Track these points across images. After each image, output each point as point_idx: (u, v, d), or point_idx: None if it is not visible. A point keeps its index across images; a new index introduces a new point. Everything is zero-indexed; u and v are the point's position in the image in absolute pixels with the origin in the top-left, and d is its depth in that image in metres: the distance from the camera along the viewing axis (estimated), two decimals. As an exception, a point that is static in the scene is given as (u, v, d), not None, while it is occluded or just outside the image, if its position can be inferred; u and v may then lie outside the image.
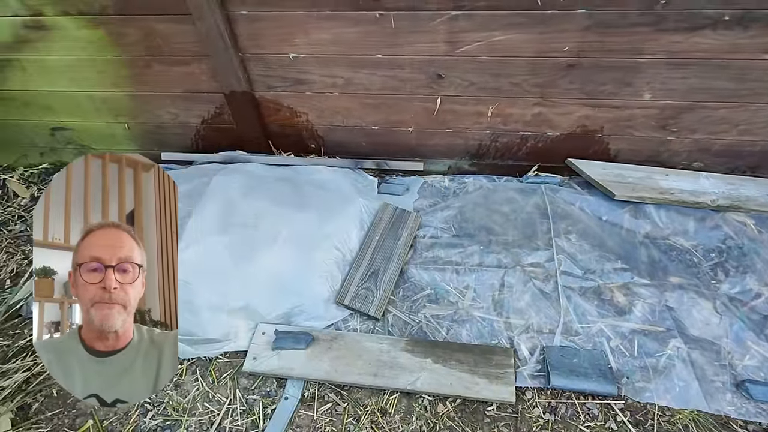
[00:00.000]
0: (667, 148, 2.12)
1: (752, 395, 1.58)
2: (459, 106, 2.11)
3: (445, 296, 1.94)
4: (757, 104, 1.89)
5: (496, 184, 2.36)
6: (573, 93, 1.98)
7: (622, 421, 1.58)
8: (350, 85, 2.11)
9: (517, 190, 2.29)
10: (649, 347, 1.72)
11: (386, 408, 1.67)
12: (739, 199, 2.07)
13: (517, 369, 1.72)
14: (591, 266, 1.95)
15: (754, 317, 1.77)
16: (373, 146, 2.37)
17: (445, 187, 2.41)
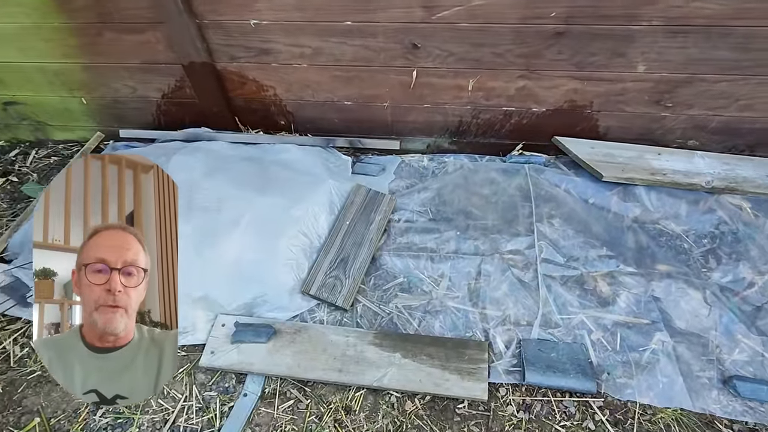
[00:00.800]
0: (660, 125, 1.97)
1: (740, 392, 1.48)
2: (437, 79, 1.94)
3: (418, 285, 1.82)
4: (760, 77, 1.73)
5: (477, 164, 2.20)
6: (561, 64, 1.81)
7: (601, 420, 1.49)
8: (319, 56, 1.93)
9: (499, 171, 2.14)
10: (633, 341, 1.62)
11: (351, 405, 1.57)
12: (735, 180, 1.93)
13: (491, 364, 1.61)
14: (574, 253, 1.83)
15: (746, 308, 1.66)
16: (347, 123, 2.20)
17: (423, 167, 2.26)
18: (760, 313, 1.64)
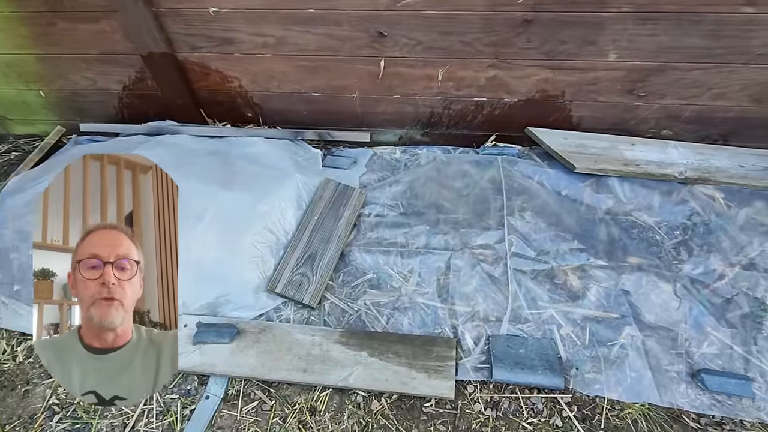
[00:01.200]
0: (634, 114, 1.93)
1: (707, 386, 1.47)
2: (406, 69, 1.88)
3: (387, 281, 1.78)
4: (732, 65, 1.70)
5: (450, 156, 2.16)
6: (530, 53, 1.76)
7: (568, 416, 1.47)
8: (283, 45, 1.86)
9: (472, 163, 2.10)
10: (602, 335, 1.60)
11: (316, 406, 1.54)
12: (708, 170, 1.90)
13: (459, 361, 1.58)
14: (545, 247, 1.80)
15: (716, 301, 1.65)
16: (315, 115, 2.14)
17: (395, 159, 2.21)
18: (730, 306, 1.63)
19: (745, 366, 1.52)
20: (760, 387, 1.49)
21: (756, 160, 1.93)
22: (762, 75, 1.71)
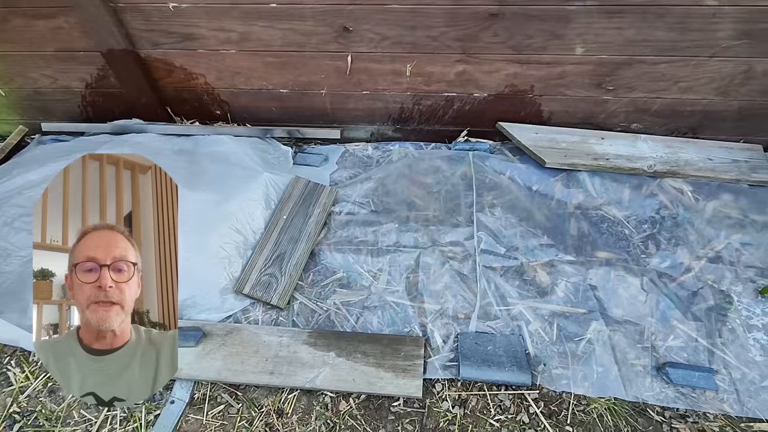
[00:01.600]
0: (603, 108, 1.93)
1: (672, 379, 1.48)
2: (374, 64, 1.85)
3: (357, 280, 1.77)
4: (698, 58, 1.69)
5: (422, 152, 2.14)
6: (498, 48, 1.74)
7: (535, 412, 1.47)
8: (247, 41, 1.82)
9: (444, 159, 2.08)
10: (570, 330, 1.60)
11: (284, 408, 1.52)
12: (677, 163, 1.91)
13: (428, 359, 1.58)
14: (515, 243, 1.79)
15: (682, 294, 1.66)
16: (285, 112, 2.10)
17: (368, 156, 2.18)
18: (696, 299, 1.64)
19: (709, 358, 1.54)
20: (724, 379, 1.50)
21: (724, 153, 1.94)
22: (727, 68, 1.71)
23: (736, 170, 1.90)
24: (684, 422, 1.44)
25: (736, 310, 1.61)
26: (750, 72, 1.72)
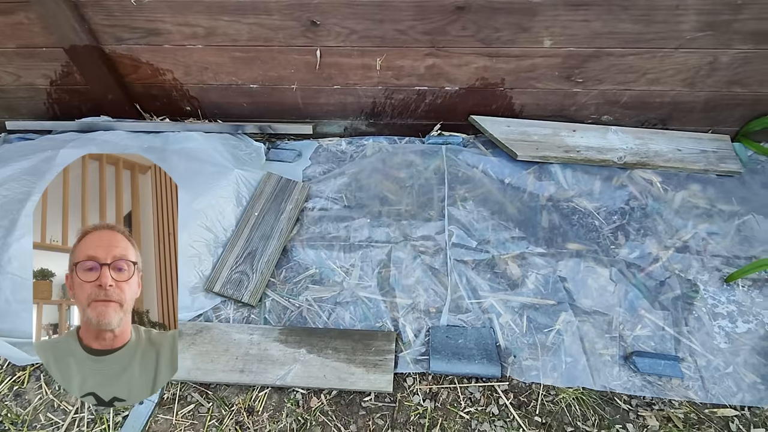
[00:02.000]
0: (574, 101, 1.93)
1: (639, 368, 1.50)
2: (343, 58, 1.83)
3: (330, 276, 1.76)
4: (664, 50, 1.70)
5: (396, 146, 2.13)
6: (466, 41, 1.73)
7: (505, 404, 1.48)
8: (213, 36, 1.79)
9: (417, 153, 2.08)
10: (540, 322, 1.61)
11: (254, 406, 1.51)
12: (647, 155, 1.93)
13: (400, 354, 1.58)
14: (487, 236, 1.80)
15: (650, 284, 1.68)
16: (256, 107, 2.08)
17: (341, 151, 2.17)
18: (663, 288, 1.66)
19: (676, 346, 1.56)
20: (690, 366, 1.53)
21: (692, 144, 1.96)
22: (693, 59, 1.73)
23: (704, 160, 1.92)
24: (650, 410, 1.46)
25: (702, 299, 1.64)
26: (715, 63, 1.73)
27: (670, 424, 1.42)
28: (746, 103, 1.88)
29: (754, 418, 1.44)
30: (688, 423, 1.43)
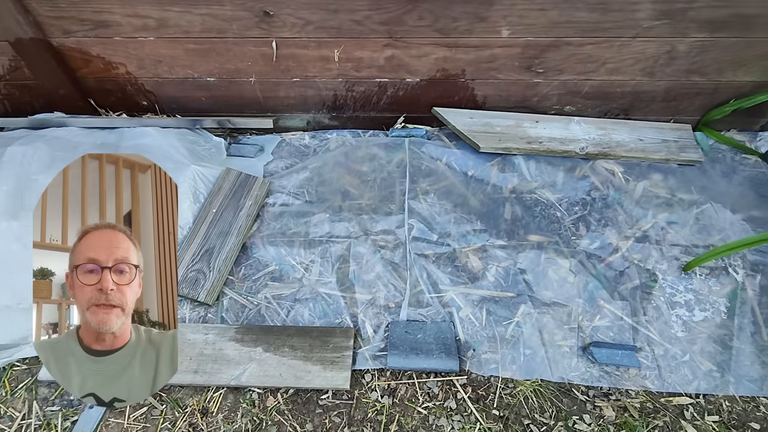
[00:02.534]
0: (535, 92, 1.92)
1: (596, 359, 1.50)
2: (300, 50, 1.79)
3: (290, 273, 1.73)
4: (621, 39, 1.70)
5: (360, 140, 2.10)
6: (424, 31, 1.70)
7: (463, 398, 1.47)
8: (165, 28, 1.73)
9: (381, 146, 2.05)
10: (499, 315, 1.60)
11: (209, 407, 1.48)
12: (609, 145, 1.92)
13: (358, 350, 1.56)
14: (448, 229, 1.78)
15: (610, 274, 1.68)
16: (215, 102, 2.03)
17: (305, 145, 2.13)
18: (622, 278, 1.66)
19: (634, 336, 1.56)
20: (647, 356, 1.53)
21: (654, 133, 1.96)
22: (651, 48, 1.72)
23: (665, 150, 1.92)
24: (607, 400, 1.46)
25: (661, 288, 1.64)
26: (673, 52, 1.73)
27: (626, 414, 1.43)
28: (706, 92, 1.88)
29: (708, 405, 1.45)
30: (644, 412, 1.43)
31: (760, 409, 1.43)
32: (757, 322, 1.57)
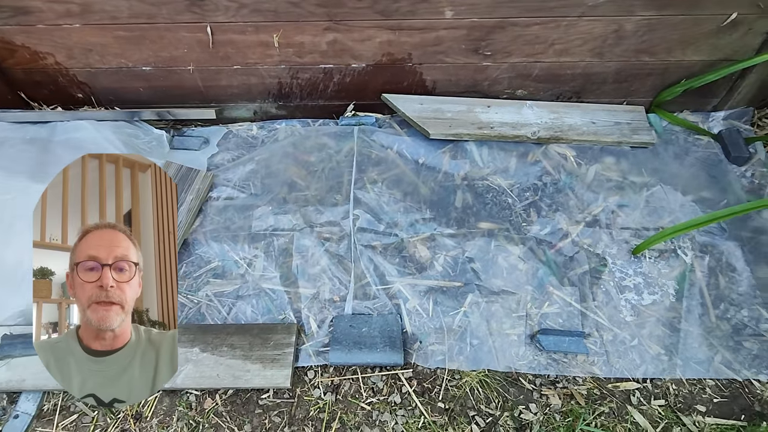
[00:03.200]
0: (485, 75, 1.87)
1: (543, 346, 1.47)
2: (237, 35, 1.70)
3: (232, 269, 1.66)
4: (568, 18, 1.65)
5: (309, 129, 2.03)
6: (365, 13, 1.63)
7: (408, 391, 1.43)
8: (90, 13, 1.63)
9: (331, 135, 1.98)
10: (447, 305, 1.56)
11: (143, 412, 1.41)
12: (561, 129, 1.89)
13: (302, 346, 1.50)
14: (396, 219, 1.73)
15: (560, 260, 1.65)
16: (155, 92, 1.93)
17: (252, 136, 2.05)
18: (572, 264, 1.63)
19: (583, 322, 1.54)
20: (596, 341, 1.51)
21: (606, 116, 1.93)
22: (598, 28, 1.68)
23: (618, 133, 1.89)
24: (554, 388, 1.43)
25: (611, 272, 1.62)
26: (620, 31, 1.69)
27: (573, 402, 1.40)
28: (656, 73, 1.85)
29: (655, 389, 1.43)
30: (591, 399, 1.41)
31: (706, 391, 1.42)
32: (705, 304, 1.56)
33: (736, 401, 1.41)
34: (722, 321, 1.53)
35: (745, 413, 1.39)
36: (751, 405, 1.40)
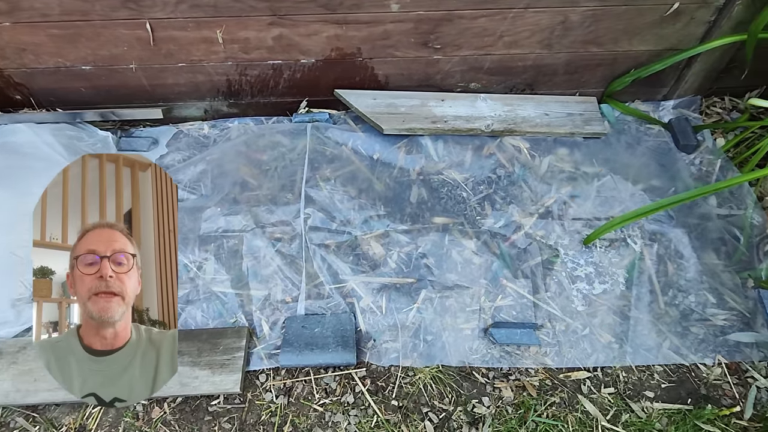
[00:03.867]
0: (437, 69, 1.85)
1: (496, 339, 1.47)
2: (178, 32, 1.65)
3: (182, 273, 1.61)
4: (514, 10, 1.64)
5: (262, 127, 1.98)
6: (309, 7, 1.60)
7: (361, 391, 1.41)
8: (19, 11, 1.56)
9: (285, 133, 1.94)
10: (400, 302, 1.55)
11: (87, 424, 1.36)
12: (514, 121, 1.89)
13: (253, 349, 1.47)
14: (349, 216, 1.70)
15: (513, 252, 1.65)
16: (98, 92, 1.86)
17: (204, 135, 2.00)
18: (525, 256, 1.64)
19: (536, 313, 1.54)
20: (548, 332, 1.52)
21: (559, 107, 1.94)
22: (545, 20, 1.68)
23: (570, 124, 1.91)
24: (506, 381, 1.44)
25: (563, 263, 1.63)
26: (567, 22, 1.69)
27: (525, 393, 1.41)
28: (605, 63, 1.87)
29: (605, 378, 1.45)
30: (542, 390, 1.42)
31: (654, 377, 1.45)
32: (654, 291, 1.58)
33: (683, 386, 1.44)
34: (671, 307, 1.56)
35: (692, 397, 1.41)
36: (697, 389, 1.43)
